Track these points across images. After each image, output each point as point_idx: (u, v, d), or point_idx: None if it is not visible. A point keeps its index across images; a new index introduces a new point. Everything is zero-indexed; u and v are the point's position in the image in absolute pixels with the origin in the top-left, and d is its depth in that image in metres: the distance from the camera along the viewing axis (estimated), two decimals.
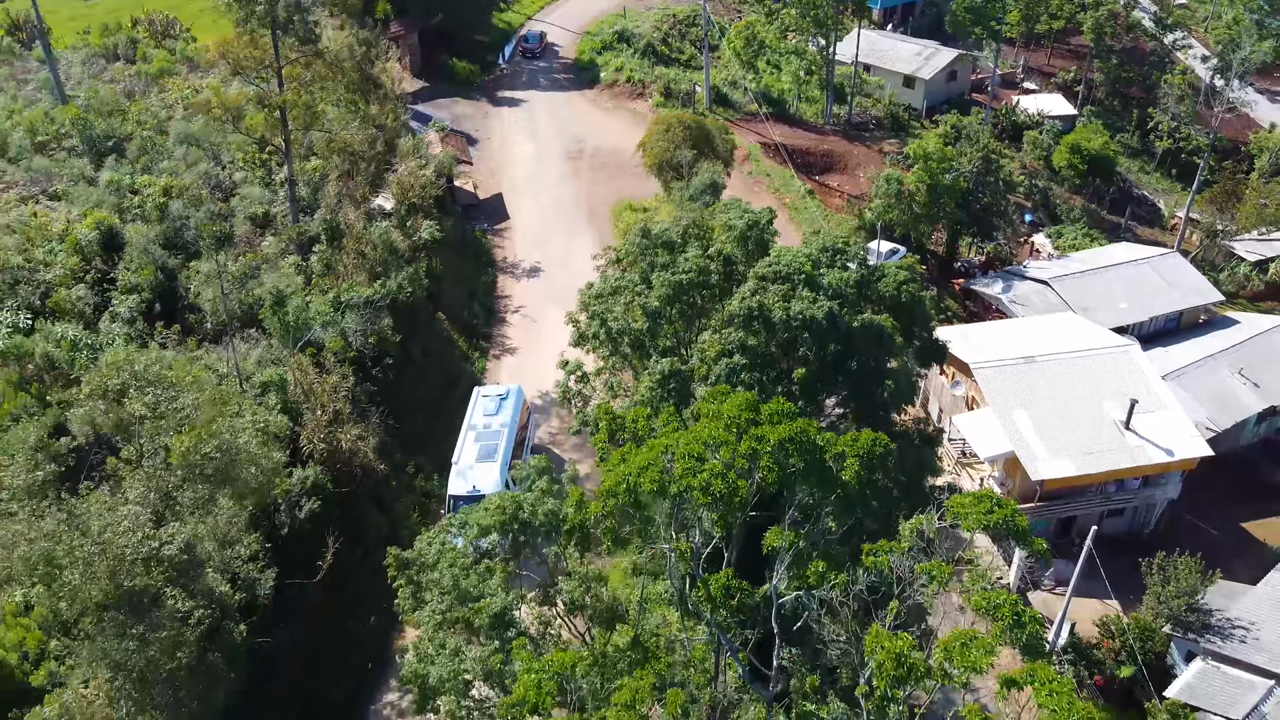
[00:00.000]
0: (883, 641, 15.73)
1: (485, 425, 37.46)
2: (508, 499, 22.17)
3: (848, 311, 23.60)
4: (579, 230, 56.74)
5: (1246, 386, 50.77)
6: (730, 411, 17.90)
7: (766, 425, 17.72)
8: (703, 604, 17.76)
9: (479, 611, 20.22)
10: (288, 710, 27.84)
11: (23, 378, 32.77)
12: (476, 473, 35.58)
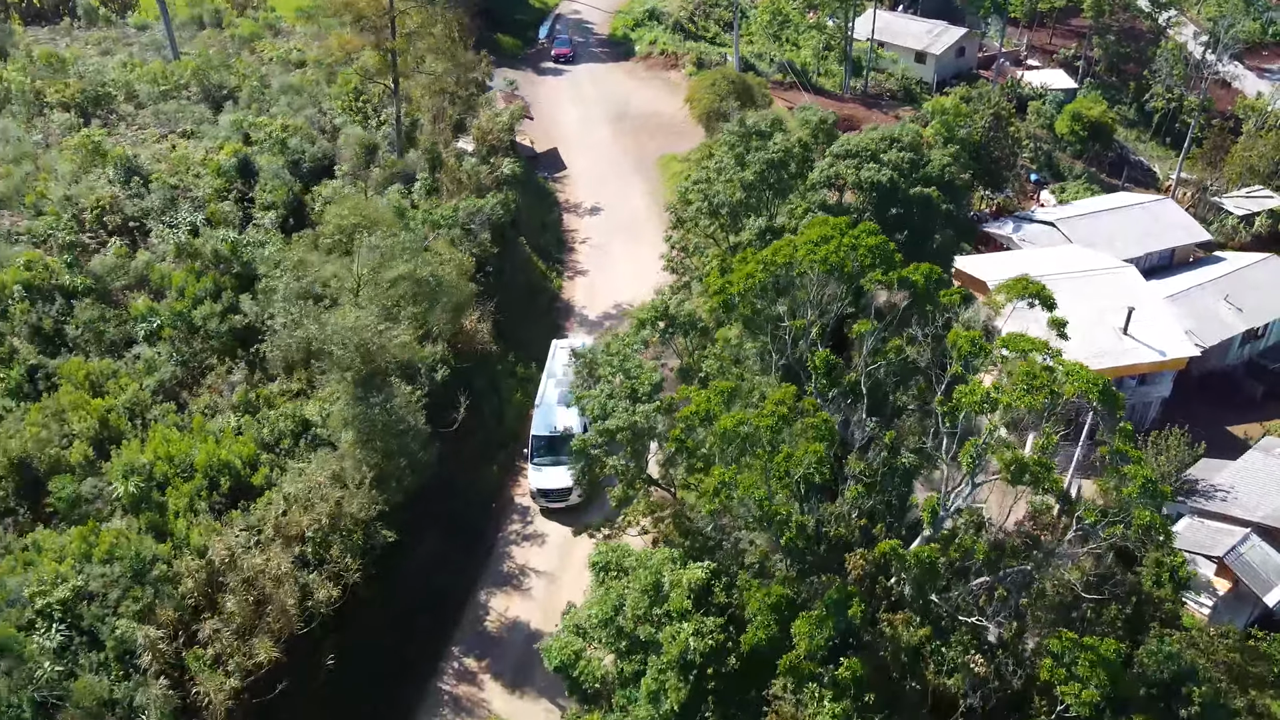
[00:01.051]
0: (959, 335, 22.59)
1: (565, 375, 40.27)
2: (659, 301, 28.96)
3: (904, 182, 30.38)
4: (630, 178, 63.61)
5: (1231, 310, 57.78)
6: (833, 224, 24.70)
7: (859, 235, 24.58)
8: (815, 373, 24.49)
9: (642, 381, 26.99)
10: (438, 517, 34.93)
11: (196, 270, 39.56)
12: (557, 415, 39.43)
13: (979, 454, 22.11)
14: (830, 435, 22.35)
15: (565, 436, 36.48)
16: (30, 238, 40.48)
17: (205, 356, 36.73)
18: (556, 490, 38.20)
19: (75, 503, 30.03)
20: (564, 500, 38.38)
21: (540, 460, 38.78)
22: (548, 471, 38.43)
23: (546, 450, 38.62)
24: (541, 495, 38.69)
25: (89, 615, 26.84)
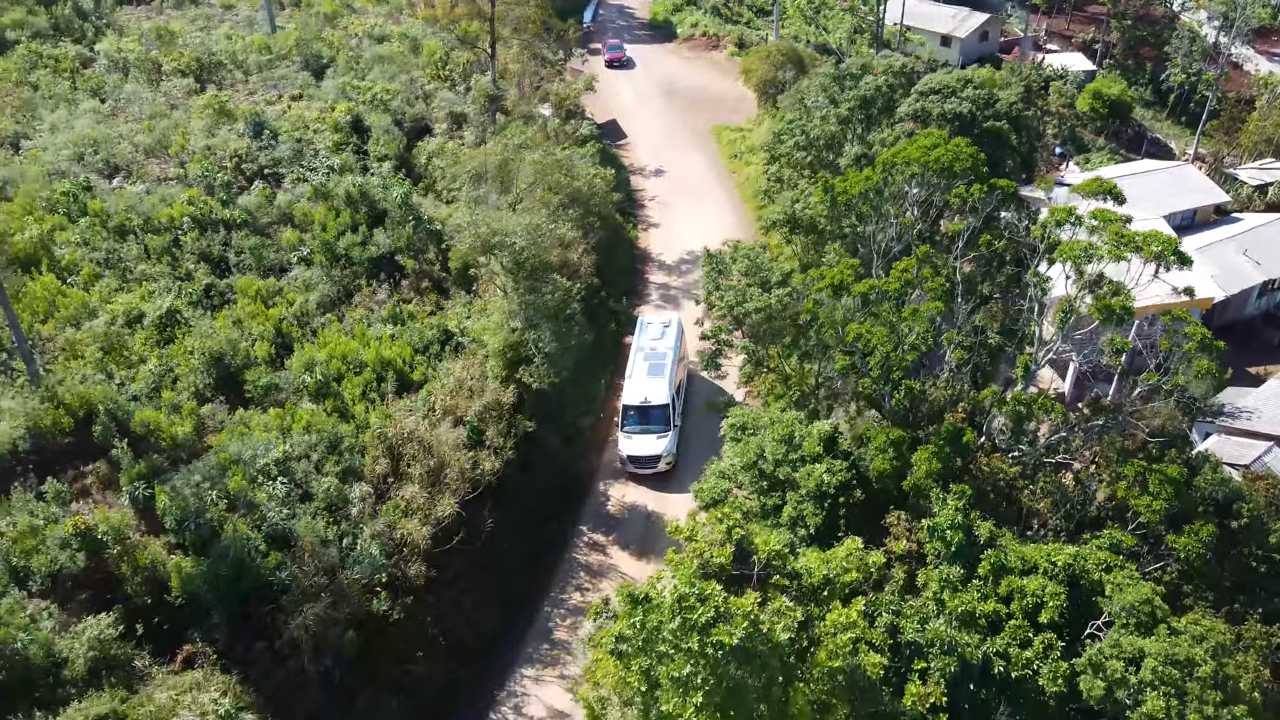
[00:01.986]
0: (1054, 209, 27.92)
1: (652, 348, 42.92)
2: (785, 206, 34.11)
3: (980, 115, 35.54)
4: (686, 145, 68.86)
5: (1250, 263, 63.06)
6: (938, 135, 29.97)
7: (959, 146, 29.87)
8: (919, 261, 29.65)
9: (773, 272, 32.19)
10: (559, 418, 40.29)
11: (334, 208, 44.76)
12: (647, 386, 41.25)
13: (1070, 309, 27.30)
14: (946, 294, 27.52)
15: (653, 407, 39.49)
16: (181, 180, 45.62)
17: (350, 280, 41.89)
18: (645, 457, 40.15)
19: (268, 390, 35.20)
20: (652, 467, 40.26)
21: (630, 429, 40.61)
22: (637, 439, 40.38)
23: (636, 419, 40.51)
24: (631, 462, 40.46)
25: (300, 472, 31.98)
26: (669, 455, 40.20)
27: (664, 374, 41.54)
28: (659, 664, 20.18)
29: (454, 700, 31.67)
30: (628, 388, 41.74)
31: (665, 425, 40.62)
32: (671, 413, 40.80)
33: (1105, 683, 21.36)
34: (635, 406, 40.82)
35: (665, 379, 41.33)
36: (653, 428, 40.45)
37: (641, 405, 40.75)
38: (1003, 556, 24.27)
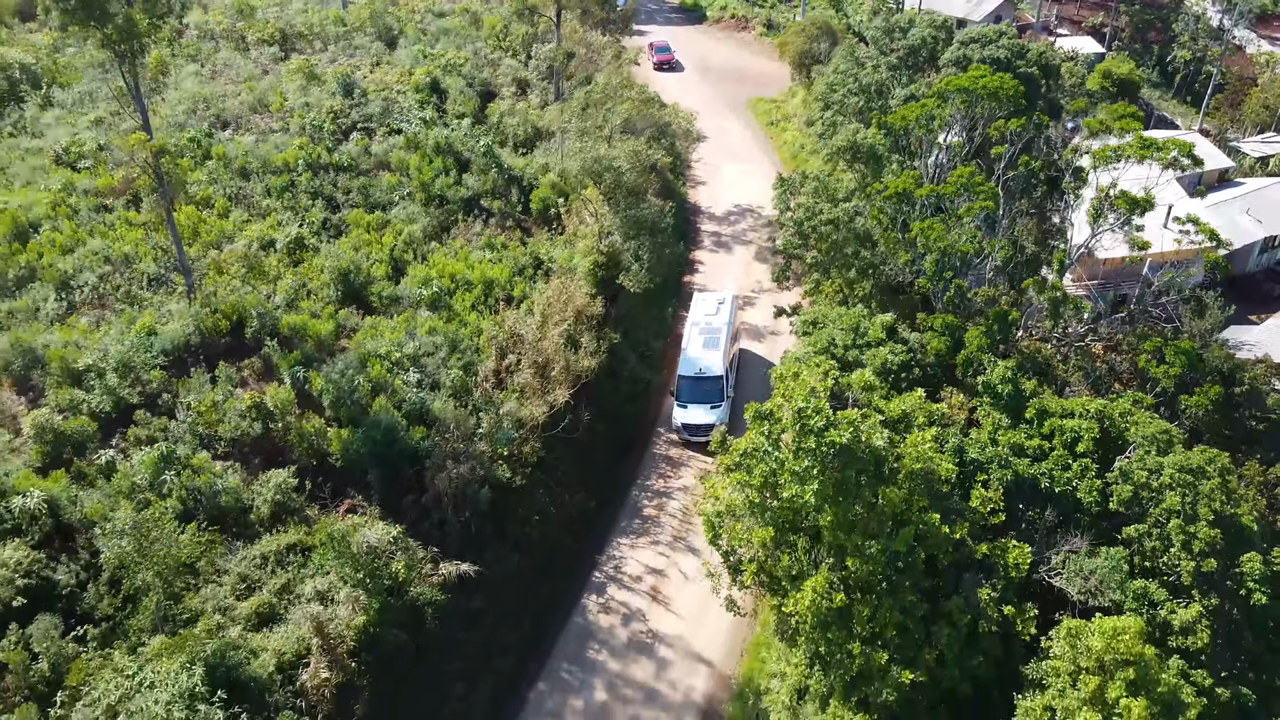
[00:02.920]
0: (1089, 120, 33.37)
1: (707, 323, 44.55)
2: (847, 137, 39.50)
3: (1014, 61, 40.78)
4: (725, 115, 74.25)
5: (1252, 221, 68.45)
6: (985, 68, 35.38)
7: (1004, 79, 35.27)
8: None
9: (840, 189, 37.46)
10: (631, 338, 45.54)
11: (426, 155, 50.14)
12: (702, 359, 42.94)
13: (1102, 205, 32.66)
14: (994, 196, 32.89)
15: (708, 378, 41.62)
16: (284, 132, 50.98)
17: (446, 216, 47.27)
18: (700, 426, 41.74)
19: (391, 301, 40.56)
20: (705, 435, 40.14)
21: (685, 399, 42.47)
22: (692, 409, 42.23)
23: (690, 391, 42.41)
24: (685, 430, 42.26)
25: (429, 365, 37.34)
26: (722, 425, 40.42)
27: (718, 347, 43.26)
28: (780, 468, 25.53)
29: (564, 560, 37.00)
30: (683, 360, 43.36)
31: (719, 396, 42.35)
32: (724, 384, 42.43)
33: (1132, 488, 26.66)
34: (690, 378, 42.55)
35: (719, 352, 43.05)
36: (706, 399, 42.27)
37: (696, 376, 42.47)
38: (1045, 403, 29.63)
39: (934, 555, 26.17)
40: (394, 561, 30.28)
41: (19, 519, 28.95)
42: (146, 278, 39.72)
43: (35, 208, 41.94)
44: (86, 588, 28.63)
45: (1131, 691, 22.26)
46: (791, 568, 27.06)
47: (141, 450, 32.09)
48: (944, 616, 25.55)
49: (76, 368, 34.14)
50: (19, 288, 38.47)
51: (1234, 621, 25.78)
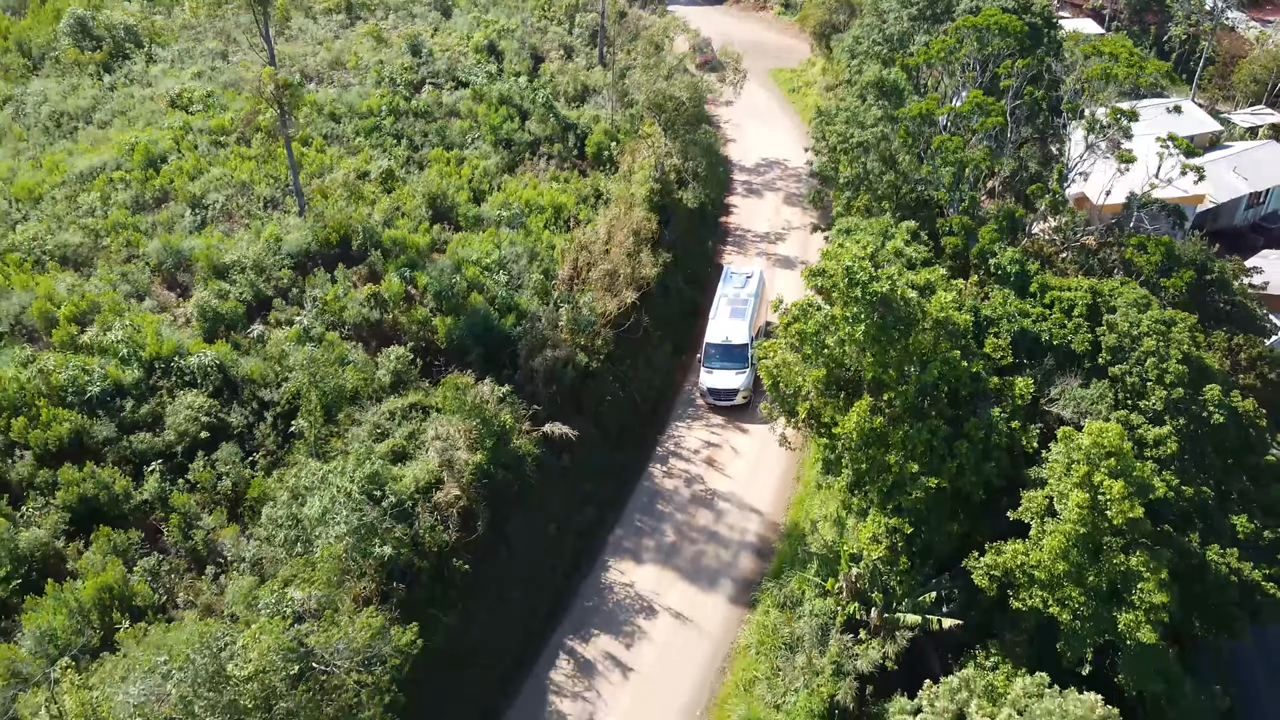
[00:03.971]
0: (1083, 46, 39.68)
1: (735, 295, 47.57)
2: (873, 74, 45.80)
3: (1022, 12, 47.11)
4: (749, 84, 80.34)
5: (1239, 178, 74.84)
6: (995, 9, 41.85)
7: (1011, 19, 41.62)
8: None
9: (868, 119, 43.87)
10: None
11: (492, 104, 56.57)
12: (729, 328, 45.90)
13: (1094, 121, 38.98)
14: (1003, 113, 39.22)
15: (734, 346, 44.60)
16: (362, 84, 57.39)
17: (513, 156, 53.67)
18: (724, 390, 44.77)
19: (475, 221, 46.93)
20: (730, 400, 44.82)
21: (711, 364, 45.27)
22: (717, 374, 45.01)
23: (718, 357, 45.25)
24: (710, 394, 44.97)
25: (514, 270, 43.70)
26: (745, 389, 44.68)
27: (744, 317, 46.18)
28: (830, 321, 31.88)
29: (631, 436, 43.34)
30: (711, 328, 46.16)
31: (743, 363, 44.89)
32: (749, 352, 44.56)
33: (1116, 336, 32.96)
34: (717, 345, 45.31)
35: (745, 321, 45.98)
36: (732, 365, 44.99)
37: (723, 344, 45.25)
38: (1045, 280, 35.98)
39: (956, 389, 32.49)
40: (502, 412, 36.61)
41: (196, 374, 35.29)
42: (263, 200, 46.04)
43: (161, 142, 48.28)
44: (254, 429, 34.96)
45: (1112, 475, 28.53)
46: (837, 406, 33.38)
47: (282, 329, 38.43)
48: (964, 435, 31.84)
49: (221, 264, 40.47)
50: (157, 206, 44.80)
51: (1198, 440, 32.04)
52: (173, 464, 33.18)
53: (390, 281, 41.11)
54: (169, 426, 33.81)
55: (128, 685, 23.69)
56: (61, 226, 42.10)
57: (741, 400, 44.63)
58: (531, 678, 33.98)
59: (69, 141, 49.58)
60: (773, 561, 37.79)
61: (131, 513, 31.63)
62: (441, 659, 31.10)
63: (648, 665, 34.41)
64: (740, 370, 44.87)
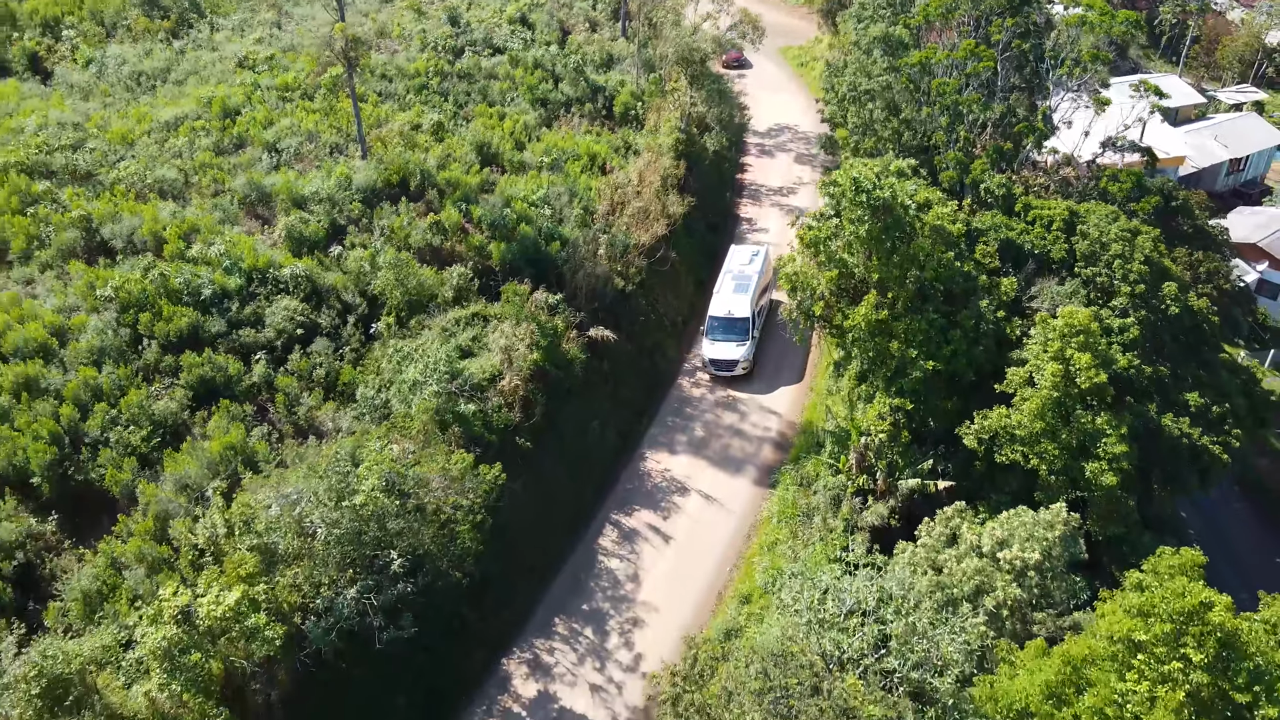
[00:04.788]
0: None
1: (740, 271, 50.08)
2: (879, 29, 51.43)
3: None
4: (760, 59, 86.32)
5: (1220, 146, 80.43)
6: None
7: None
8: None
9: (874, 69, 49.48)
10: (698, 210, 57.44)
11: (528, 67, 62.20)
12: (732, 301, 48.21)
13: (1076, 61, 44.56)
14: (993, 59, 44.84)
15: (735, 319, 47.15)
16: (407, 50, 63.01)
17: (549, 114, 59.28)
18: (725, 361, 47.29)
19: (518, 166, 52.54)
20: (730, 370, 47.42)
21: (714, 336, 47.77)
22: (719, 345, 47.49)
23: (720, 329, 47.76)
24: (712, 364, 47.48)
25: (557, 206, 49.28)
26: (745, 361, 47.30)
27: (747, 292, 48.56)
28: (838, 230, 37.44)
29: (661, 351, 48.90)
30: (715, 301, 48.62)
31: (744, 336, 47.46)
32: (750, 325, 47.53)
33: (1089, 243, 38.48)
34: (720, 318, 47.82)
35: (748, 296, 48.34)
36: (733, 337, 47.48)
37: (725, 317, 47.74)
38: (1029, 201, 41.54)
39: (950, 287, 38.05)
40: (556, 316, 42.18)
41: (289, 283, 40.86)
42: (329, 146, 51.62)
43: (233, 97, 53.89)
44: (339, 330, 40.52)
45: (1081, 350, 34.05)
46: (845, 312, 38.93)
47: (357, 250, 44.00)
48: (956, 325, 37.39)
49: (300, 196, 46.04)
50: (236, 150, 50.39)
51: (1158, 330, 37.56)
52: (274, 355, 38.75)
53: (449, 212, 46.69)
54: (269, 324, 39.40)
55: (270, 500, 29.29)
56: (156, 165, 47.67)
57: (742, 370, 47.36)
58: (582, 543, 39.54)
59: (149, 97, 55.23)
60: (791, 451, 43.34)
61: (243, 393, 37.18)
62: (508, 519, 36.60)
63: (683, 534, 39.95)
64: (741, 342, 47.45)
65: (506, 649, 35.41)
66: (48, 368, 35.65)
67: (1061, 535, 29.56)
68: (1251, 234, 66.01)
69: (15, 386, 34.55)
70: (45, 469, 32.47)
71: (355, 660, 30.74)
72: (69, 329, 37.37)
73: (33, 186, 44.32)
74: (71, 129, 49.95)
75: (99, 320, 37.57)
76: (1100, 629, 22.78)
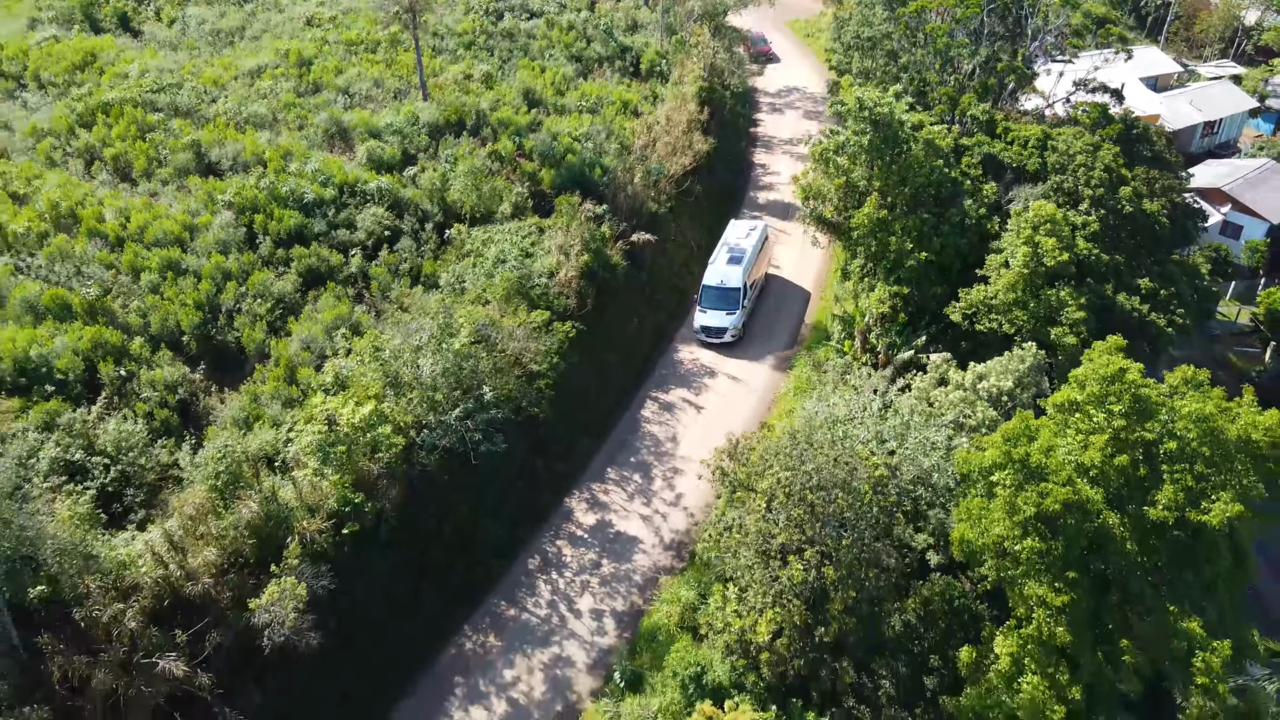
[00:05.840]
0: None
1: (735, 244, 52.88)
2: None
3: None
4: (768, 32, 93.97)
5: (1194, 110, 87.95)
6: None
7: None
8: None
9: (876, 20, 56.92)
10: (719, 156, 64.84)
11: (562, 29, 69.70)
12: (725, 272, 51.04)
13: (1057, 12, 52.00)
14: (979, 6, 52.33)
15: (727, 289, 50.12)
16: (451, 13, 70.49)
17: (583, 68, 66.77)
18: (715, 328, 50.31)
19: (559, 109, 59.98)
20: (719, 337, 50.57)
21: (706, 305, 50.71)
22: (710, 314, 50.43)
23: (712, 298, 50.65)
24: (703, 331, 50.54)
25: (596, 139, 56.72)
26: (734, 329, 50.35)
27: (740, 264, 51.31)
28: (844, 143, 44.87)
29: (688, 266, 56.28)
30: (709, 271, 51.47)
31: (734, 306, 50.34)
32: (741, 296, 50.38)
33: (1057, 155, 45.94)
34: (713, 287, 50.70)
35: (740, 268, 51.06)
36: (724, 307, 50.38)
37: (718, 286, 50.54)
38: (1009, 125, 49.00)
39: (940, 191, 45.45)
40: (602, 225, 49.59)
41: (374, 194, 48.26)
42: (393, 90, 59.08)
43: (307, 49, 61.35)
44: (419, 233, 47.88)
45: (1047, 235, 41.42)
46: (850, 216, 46.38)
47: (428, 171, 51.38)
48: (946, 222, 44.81)
49: (375, 128, 53.45)
50: (313, 93, 57.82)
51: (1115, 228, 44.94)
52: (366, 252, 46.11)
53: (504, 143, 54.14)
54: (360, 227, 46.81)
55: (394, 334, 36.73)
56: (247, 104, 55.10)
57: (730, 338, 50.49)
58: (627, 413, 46.90)
59: (229, 50, 62.71)
60: (804, 343, 50.75)
61: (343, 280, 44.54)
62: (570, 385, 43.91)
63: (713, 406, 47.31)
64: (731, 311, 50.42)
65: (568, 491, 42.74)
66: (185, 254, 43.03)
67: (1031, 366, 36.91)
68: (1216, 181, 73.54)
69: (161, 267, 41.93)
70: (193, 330, 39.85)
71: (454, 486, 38.05)
72: (197, 227, 44.75)
73: (148, 118, 51.75)
74: (169, 74, 57.41)
75: (221, 220, 44.95)
76: (1047, 405, 30.15)
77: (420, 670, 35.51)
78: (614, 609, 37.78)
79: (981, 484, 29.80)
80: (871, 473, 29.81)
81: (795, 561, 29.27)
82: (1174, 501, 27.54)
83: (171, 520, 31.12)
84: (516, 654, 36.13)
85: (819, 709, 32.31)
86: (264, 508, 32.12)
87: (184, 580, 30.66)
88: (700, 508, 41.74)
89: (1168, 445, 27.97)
